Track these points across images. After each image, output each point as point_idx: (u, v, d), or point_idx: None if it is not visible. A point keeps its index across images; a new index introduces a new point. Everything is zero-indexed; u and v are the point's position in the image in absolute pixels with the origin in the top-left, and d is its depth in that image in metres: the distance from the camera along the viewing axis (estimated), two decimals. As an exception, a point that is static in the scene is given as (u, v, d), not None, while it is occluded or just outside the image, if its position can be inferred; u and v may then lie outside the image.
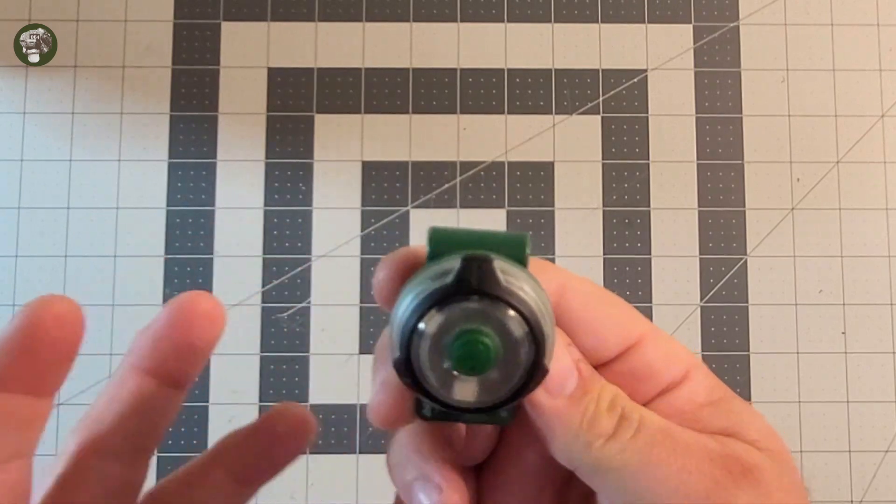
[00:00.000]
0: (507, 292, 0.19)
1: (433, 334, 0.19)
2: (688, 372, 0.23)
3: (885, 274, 0.64)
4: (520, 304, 0.19)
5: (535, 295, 0.19)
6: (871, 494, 0.61)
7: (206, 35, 0.65)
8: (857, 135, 0.65)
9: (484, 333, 0.19)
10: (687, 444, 0.21)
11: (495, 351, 0.19)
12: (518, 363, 0.19)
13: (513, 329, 0.19)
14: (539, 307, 0.19)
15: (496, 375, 0.19)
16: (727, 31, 0.66)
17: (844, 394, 0.62)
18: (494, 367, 0.19)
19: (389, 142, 0.64)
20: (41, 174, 0.63)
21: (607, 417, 0.21)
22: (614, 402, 0.21)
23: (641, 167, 0.64)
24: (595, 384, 0.21)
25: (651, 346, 0.23)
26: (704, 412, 0.22)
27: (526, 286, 0.19)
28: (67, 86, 0.64)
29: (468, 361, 0.19)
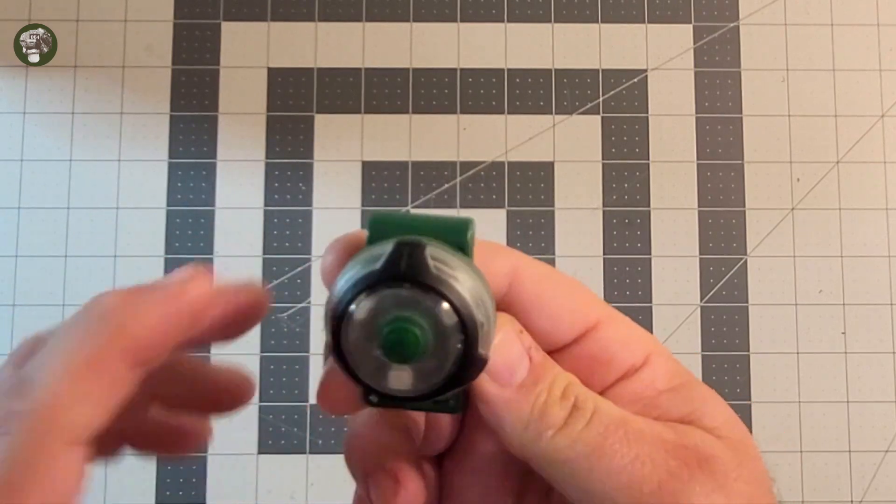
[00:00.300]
0: (437, 280, 0.18)
1: (362, 320, 0.19)
2: (648, 356, 0.22)
3: (885, 274, 0.64)
4: (449, 293, 0.18)
5: (471, 283, 0.19)
6: (871, 494, 0.61)
7: (206, 35, 0.65)
8: (857, 135, 0.65)
9: (412, 321, 0.18)
10: (641, 433, 0.20)
11: (424, 339, 0.18)
12: (450, 352, 0.19)
13: (443, 318, 0.18)
14: (474, 295, 0.19)
15: (430, 364, 0.19)
16: (727, 31, 0.66)
17: (844, 394, 0.62)
18: (426, 355, 0.19)
19: (389, 142, 0.64)
20: (41, 174, 0.63)
21: (559, 407, 0.20)
22: (567, 390, 0.21)
23: (641, 167, 0.64)
24: (548, 372, 0.21)
25: (609, 330, 0.22)
26: (664, 398, 0.22)
27: (461, 274, 0.19)
28: (67, 86, 0.64)
29: (397, 349, 0.18)
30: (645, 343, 0.22)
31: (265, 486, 0.61)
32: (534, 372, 0.20)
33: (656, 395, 0.22)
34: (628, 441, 0.20)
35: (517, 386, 0.20)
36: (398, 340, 0.18)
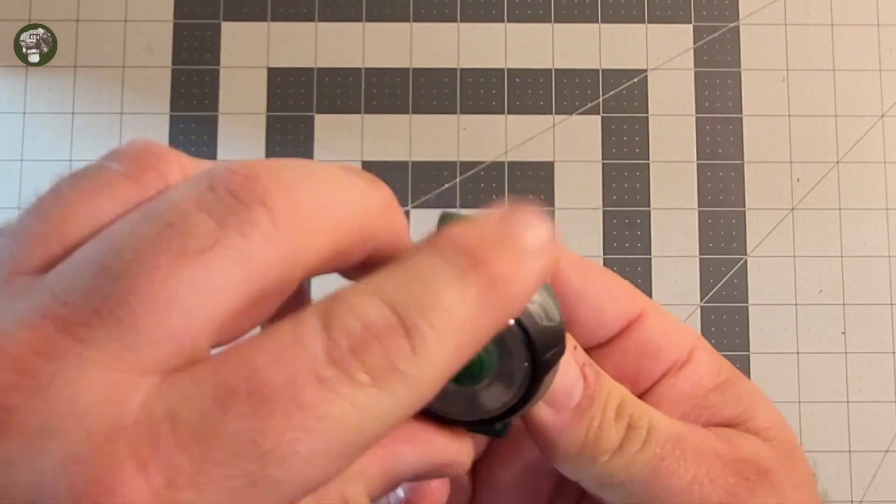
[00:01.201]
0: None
1: None
2: (692, 351, 0.22)
3: (885, 274, 0.64)
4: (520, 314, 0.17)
5: (537, 295, 0.18)
6: (871, 494, 0.61)
7: (206, 35, 0.65)
8: (857, 135, 0.65)
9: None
10: (698, 451, 0.20)
11: (488, 361, 0.17)
12: (516, 372, 0.17)
13: (509, 340, 0.17)
14: (543, 316, 0.17)
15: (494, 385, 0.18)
16: (727, 31, 0.66)
17: (844, 394, 0.62)
18: (488, 378, 0.17)
19: (389, 142, 0.64)
20: (41, 174, 0.63)
21: (614, 429, 0.19)
22: (622, 408, 0.20)
23: (641, 167, 0.64)
24: (602, 389, 0.20)
25: (653, 322, 0.21)
26: (713, 397, 0.21)
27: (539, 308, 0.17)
28: (67, 86, 0.64)
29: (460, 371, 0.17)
30: (688, 336, 0.22)
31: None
32: (588, 392, 0.20)
33: (705, 393, 0.21)
34: (685, 460, 0.19)
35: (572, 409, 0.19)
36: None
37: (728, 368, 0.22)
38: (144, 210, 0.14)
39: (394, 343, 0.14)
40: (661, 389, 0.21)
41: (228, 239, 0.13)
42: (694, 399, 0.21)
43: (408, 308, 0.14)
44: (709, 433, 0.20)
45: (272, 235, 0.14)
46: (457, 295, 0.15)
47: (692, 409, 0.21)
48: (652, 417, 0.20)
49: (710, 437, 0.20)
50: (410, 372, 0.14)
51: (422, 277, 0.15)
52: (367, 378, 0.13)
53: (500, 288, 0.15)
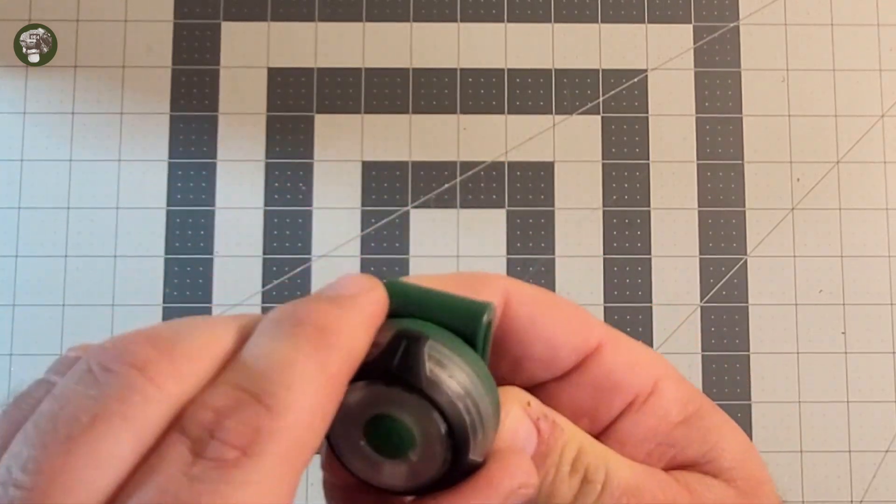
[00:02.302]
0: (429, 384, 0.17)
1: (351, 410, 0.18)
2: (657, 382, 0.21)
3: (885, 274, 0.64)
4: (440, 400, 0.17)
5: (470, 385, 0.18)
6: (871, 494, 0.61)
7: (206, 35, 0.65)
8: (857, 135, 0.65)
9: (398, 421, 0.17)
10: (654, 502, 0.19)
11: (409, 440, 0.17)
12: (437, 457, 0.18)
13: (430, 425, 0.17)
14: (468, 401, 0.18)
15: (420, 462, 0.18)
16: (727, 31, 0.66)
17: (844, 394, 0.62)
18: (414, 454, 0.18)
19: (389, 142, 0.64)
20: (41, 174, 0.63)
21: (567, 484, 0.19)
22: (577, 461, 0.20)
23: (641, 167, 0.64)
24: (556, 443, 0.20)
25: (611, 354, 0.21)
26: (679, 433, 0.21)
27: (459, 374, 0.18)
28: (67, 86, 0.64)
29: (381, 446, 0.18)
30: (652, 366, 0.21)
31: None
32: (542, 447, 0.19)
33: (671, 428, 0.21)
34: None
35: None
36: (383, 437, 0.18)
37: (696, 400, 0.21)
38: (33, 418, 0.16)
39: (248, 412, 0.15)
40: (624, 426, 0.21)
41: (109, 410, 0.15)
42: (659, 436, 0.21)
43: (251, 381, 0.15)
44: (670, 480, 0.20)
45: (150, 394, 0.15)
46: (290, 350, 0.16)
47: (657, 448, 0.21)
48: (610, 466, 0.20)
49: (671, 485, 0.20)
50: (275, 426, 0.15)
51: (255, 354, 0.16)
52: (235, 452, 0.14)
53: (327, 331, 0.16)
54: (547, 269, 0.63)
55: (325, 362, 0.16)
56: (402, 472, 0.18)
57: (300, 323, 0.17)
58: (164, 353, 0.16)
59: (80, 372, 0.16)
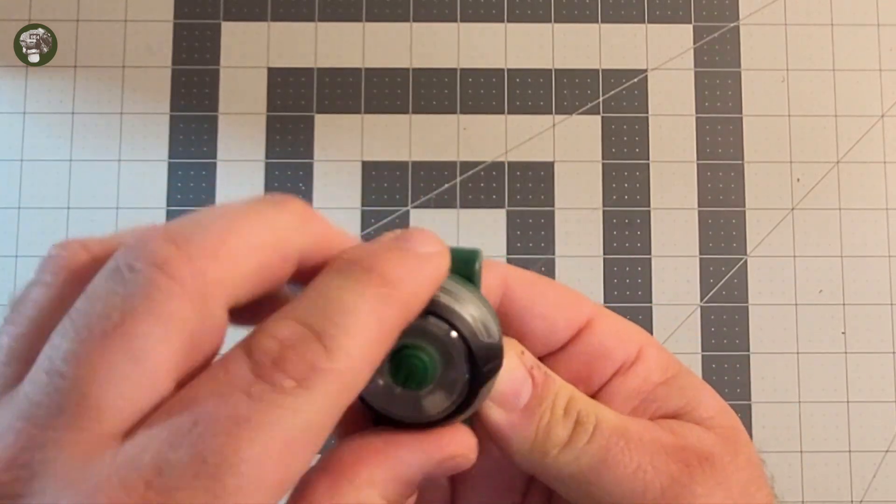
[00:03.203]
0: (445, 309, 0.19)
1: None
2: (640, 350, 0.23)
3: (885, 274, 0.64)
4: (457, 322, 0.19)
5: (478, 312, 0.20)
6: (871, 494, 0.61)
7: (206, 35, 0.65)
8: (857, 135, 0.65)
9: (420, 349, 0.19)
10: (641, 441, 0.21)
11: (432, 367, 0.19)
12: (457, 380, 0.19)
13: (451, 347, 0.19)
14: (480, 326, 0.19)
15: (437, 391, 0.19)
16: (727, 31, 0.66)
17: (844, 394, 0.62)
18: (433, 383, 0.19)
19: (389, 142, 0.64)
20: (41, 174, 0.63)
21: (562, 425, 0.21)
22: (570, 406, 0.21)
23: (641, 167, 0.64)
24: (550, 389, 0.21)
25: (601, 327, 0.23)
26: (660, 391, 0.23)
27: (469, 303, 0.19)
28: (67, 86, 0.64)
29: (404, 376, 0.19)
30: (636, 336, 0.23)
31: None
32: (536, 392, 0.21)
33: (653, 388, 0.23)
34: (630, 451, 0.21)
35: (522, 409, 0.21)
36: (407, 367, 0.19)
37: (675, 364, 0.24)
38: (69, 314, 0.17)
39: (308, 348, 0.16)
40: (612, 388, 0.23)
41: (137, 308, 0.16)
42: (642, 394, 0.23)
43: (315, 319, 0.17)
44: (653, 425, 0.22)
45: (174, 290, 0.16)
46: (356, 297, 0.17)
47: (641, 404, 0.23)
48: (599, 413, 0.21)
49: (654, 428, 0.22)
50: (329, 367, 0.16)
51: (323, 292, 0.17)
52: (292, 382, 0.16)
53: (393, 285, 0.18)
54: (547, 269, 0.63)
55: (385, 316, 0.17)
56: (423, 403, 0.19)
57: (371, 271, 0.18)
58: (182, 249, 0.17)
59: (109, 271, 0.17)
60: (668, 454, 0.21)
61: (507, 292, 0.23)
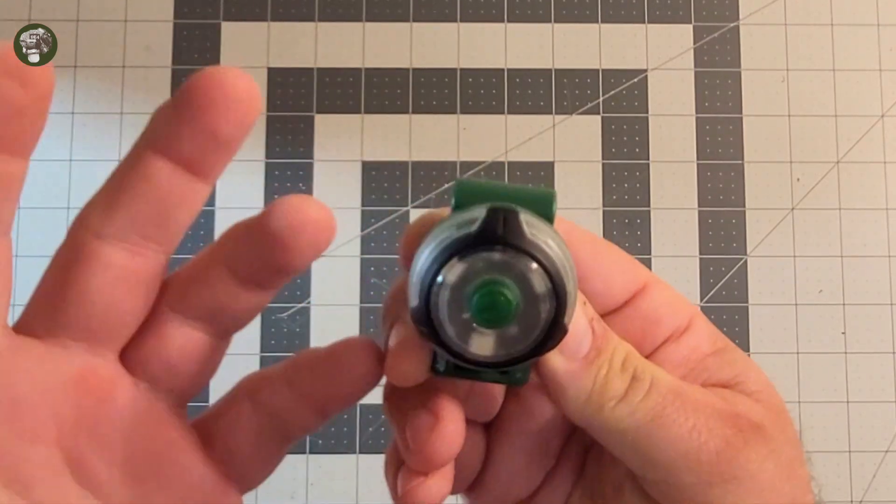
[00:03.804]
0: (532, 245, 0.18)
1: (454, 283, 0.18)
2: (691, 320, 0.23)
3: (885, 274, 0.64)
4: (544, 259, 0.18)
5: (560, 252, 0.19)
6: (871, 494, 0.61)
7: (206, 35, 0.65)
8: (857, 135, 0.65)
9: (505, 285, 0.18)
10: (697, 403, 0.21)
11: (516, 304, 0.18)
12: (538, 319, 0.19)
13: (535, 283, 0.18)
14: (563, 264, 0.19)
15: (515, 330, 0.19)
16: (727, 31, 0.66)
17: (844, 394, 0.62)
18: (514, 320, 0.19)
19: (389, 142, 0.64)
20: (41, 174, 0.63)
21: (619, 379, 0.21)
22: (627, 361, 0.21)
23: (641, 167, 0.64)
24: (609, 343, 0.21)
25: (656, 293, 0.23)
26: (710, 361, 0.23)
27: (551, 242, 0.19)
28: (67, 86, 0.65)
29: (488, 313, 0.18)
30: (688, 307, 0.24)
31: (265, 485, 0.60)
32: (596, 344, 0.21)
33: (703, 357, 0.23)
34: (685, 411, 0.21)
35: (581, 358, 0.21)
36: (490, 304, 0.18)
37: (723, 338, 0.24)
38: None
39: None
40: (663, 354, 0.23)
41: None
42: (692, 362, 0.23)
43: None
44: (706, 390, 0.22)
45: None
46: None
47: (690, 372, 0.22)
48: (655, 372, 0.21)
49: (707, 393, 0.22)
50: None
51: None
52: None
53: None
54: (547, 269, 0.63)
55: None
56: (497, 342, 0.19)
57: None
58: None
59: None
60: (722, 418, 0.21)
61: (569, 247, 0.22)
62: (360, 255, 0.63)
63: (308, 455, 0.61)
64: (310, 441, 0.61)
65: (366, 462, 0.61)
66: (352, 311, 0.63)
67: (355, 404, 0.21)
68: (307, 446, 0.61)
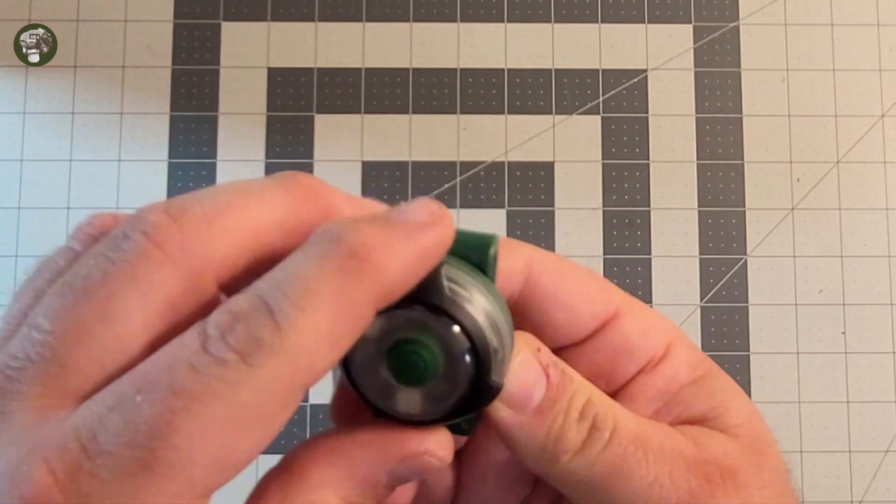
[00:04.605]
0: (450, 303, 0.18)
1: (372, 339, 0.18)
2: (669, 346, 0.22)
3: (885, 274, 0.64)
4: (462, 317, 0.18)
5: (488, 306, 0.18)
6: (871, 494, 0.61)
7: (206, 35, 0.65)
8: (857, 135, 0.65)
9: (421, 344, 0.18)
10: (661, 451, 0.20)
11: (433, 363, 0.18)
12: (461, 378, 0.18)
13: (454, 343, 0.18)
14: (489, 320, 0.18)
15: (441, 388, 0.18)
16: (727, 31, 0.66)
17: (844, 394, 0.62)
18: (435, 379, 0.18)
19: (389, 142, 0.64)
20: (41, 174, 0.63)
21: (576, 430, 0.20)
22: (586, 409, 0.20)
23: (641, 167, 0.64)
24: (566, 391, 0.20)
25: (628, 321, 0.22)
26: (687, 392, 0.21)
27: (476, 296, 0.18)
28: (67, 86, 0.64)
29: (404, 372, 0.18)
30: (665, 332, 0.22)
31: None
32: (550, 394, 0.20)
33: (679, 389, 0.21)
34: (647, 461, 0.19)
35: (533, 410, 0.20)
36: (406, 363, 0.18)
37: (705, 364, 0.22)
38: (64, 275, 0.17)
39: (256, 322, 0.15)
40: (636, 386, 0.21)
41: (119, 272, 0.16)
42: (668, 395, 0.21)
43: (271, 291, 0.16)
44: (676, 433, 0.21)
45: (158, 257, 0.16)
46: (315, 271, 0.16)
47: (665, 406, 0.21)
48: (618, 417, 0.20)
49: (676, 437, 0.20)
50: (277, 343, 0.15)
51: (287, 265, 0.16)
52: (235, 356, 0.15)
53: (364, 257, 0.16)
54: (547, 269, 0.63)
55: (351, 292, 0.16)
56: (423, 400, 0.18)
57: (339, 242, 0.16)
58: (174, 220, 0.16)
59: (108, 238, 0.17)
60: (689, 467, 0.20)
61: (530, 277, 0.21)
62: (360, 255, 0.63)
63: (308, 455, 0.61)
64: (310, 441, 0.61)
65: (366, 462, 0.61)
66: (352, 311, 0.63)
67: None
68: (307, 446, 0.61)
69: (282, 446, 0.63)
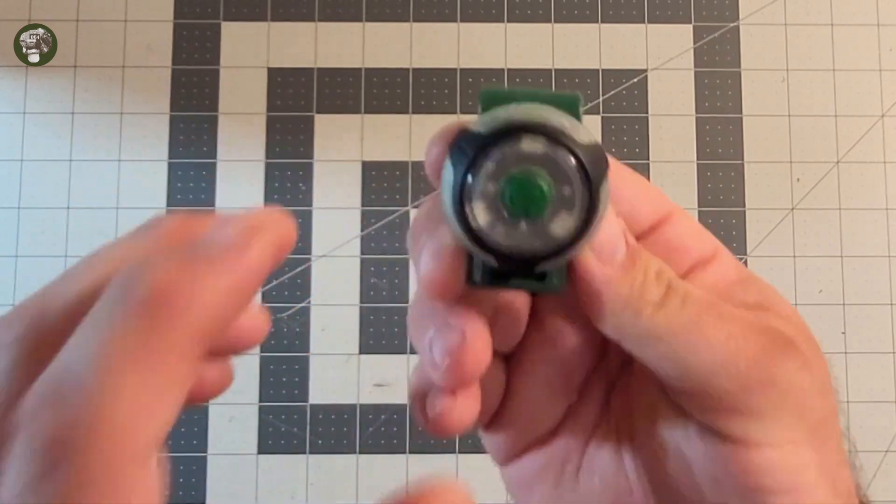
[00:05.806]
0: (566, 136, 0.18)
1: (487, 175, 0.18)
2: (716, 251, 0.23)
3: (885, 274, 0.64)
4: (578, 149, 0.18)
5: (591, 141, 0.19)
6: (871, 494, 0.61)
7: (206, 35, 0.65)
8: (857, 135, 0.65)
9: (539, 175, 0.18)
10: (732, 314, 0.21)
11: (549, 192, 0.18)
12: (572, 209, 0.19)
13: (569, 173, 0.18)
14: (595, 151, 0.19)
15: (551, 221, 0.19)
16: (727, 31, 0.66)
17: (844, 394, 0.62)
18: (550, 209, 0.19)
19: (389, 142, 0.64)
20: (41, 174, 0.63)
21: (656, 286, 0.20)
22: (661, 273, 0.21)
23: (641, 167, 0.64)
24: (643, 254, 0.21)
25: (681, 222, 0.23)
26: (737, 288, 0.22)
27: (582, 132, 0.19)
28: (67, 86, 0.65)
29: (522, 201, 0.18)
30: (712, 239, 0.23)
31: (265, 486, 0.61)
32: (631, 253, 0.21)
33: (729, 285, 0.23)
34: (722, 320, 0.20)
35: (618, 265, 0.20)
36: (525, 193, 0.18)
37: (748, 271, 0.23)
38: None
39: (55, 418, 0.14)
40: (691, 279, 0.22)
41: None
42: (720, 289, 0.22)
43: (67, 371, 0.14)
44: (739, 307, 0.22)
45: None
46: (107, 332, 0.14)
47: (719, 297, 0.22)
48: (687, 285, 0.21)
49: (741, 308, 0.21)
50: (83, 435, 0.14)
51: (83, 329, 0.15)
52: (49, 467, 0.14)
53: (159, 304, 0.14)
54: (547, 269, 0.63)
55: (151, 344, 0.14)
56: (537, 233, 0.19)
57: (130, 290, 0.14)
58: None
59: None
60: (757, 330, 0.21)
61: None
62: (359, 255, 0.63)
63: (308, 455, 0.61)
64: (310, 441, 0.61)
65: (366, 462, 0.61)
66: (352, 310, 0.63)
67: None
68: (307, 446, 0.61)
69: (282, 446, 0.63)
